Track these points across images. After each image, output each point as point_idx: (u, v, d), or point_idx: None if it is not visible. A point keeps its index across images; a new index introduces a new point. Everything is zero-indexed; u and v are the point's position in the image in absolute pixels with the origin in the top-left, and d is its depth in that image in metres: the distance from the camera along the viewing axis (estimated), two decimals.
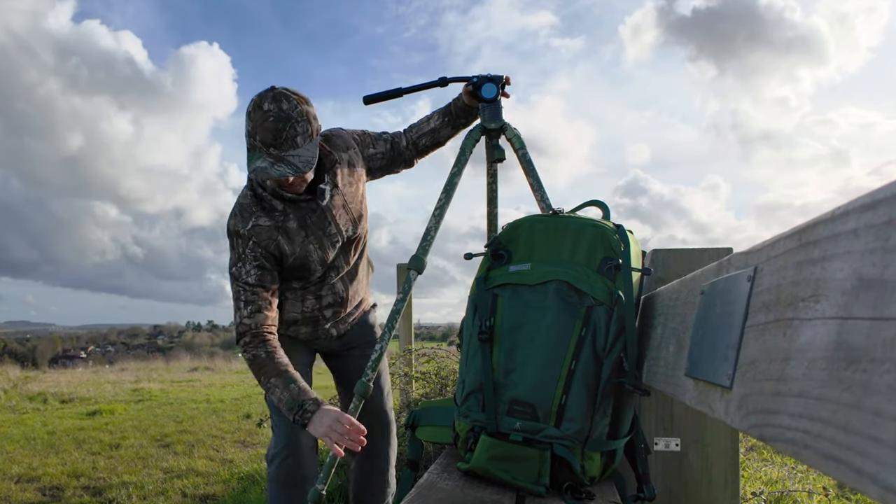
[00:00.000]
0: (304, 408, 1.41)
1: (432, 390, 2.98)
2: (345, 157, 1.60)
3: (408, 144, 1.72)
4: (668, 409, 1.34)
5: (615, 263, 1.02)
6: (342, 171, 1.59)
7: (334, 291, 1.67)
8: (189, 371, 11.85)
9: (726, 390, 0.58)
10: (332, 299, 1.67)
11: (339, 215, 1.59)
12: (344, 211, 1.60)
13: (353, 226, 1.63)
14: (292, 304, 1.65)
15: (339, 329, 1.75)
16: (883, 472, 0.32)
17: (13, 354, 38.92)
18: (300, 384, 1.44)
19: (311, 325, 1.70)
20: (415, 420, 1.26)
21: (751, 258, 0.58)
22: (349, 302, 1.72)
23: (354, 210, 1.63)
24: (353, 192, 1.62)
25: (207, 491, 3.09)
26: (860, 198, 0.37)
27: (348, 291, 1.70)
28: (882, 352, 0.33)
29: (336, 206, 1.58)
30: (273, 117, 1.36)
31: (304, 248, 1.54)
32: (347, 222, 1.61)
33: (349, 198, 1.61)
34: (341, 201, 1.59)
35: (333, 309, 1.69)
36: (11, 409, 6.25)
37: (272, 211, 1.52)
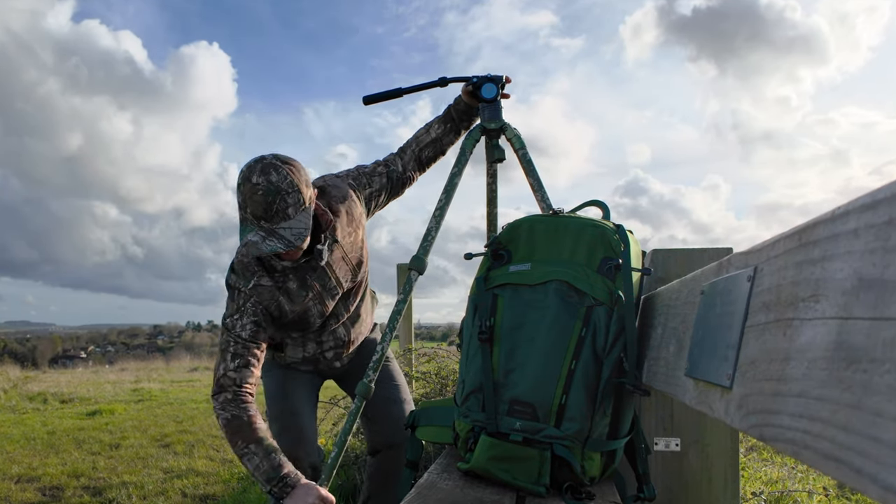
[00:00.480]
0: (286, 481, 1.36)
1: (432, 390, 2.98)
2: (342, 209, 1.56)
3: (405, 165, 1.70)
4: (668, 409, 1.34)
5: (615, 263, 1.02)
6: (341, 224, 1.56)
7: (336, 336, 1.69)
8: (189, 371, 11.85)
9: (726, 390, 0.58)
10: (334, 343, 1.70)
11: (339, 268, 1.58)
12: (343, 263, 1.59)
13: (353, 274, 1.63)
14: (293, 349, 1.68)
15: (343, 361, 1.77)
16: (883, 472, 0.32)
17: (13, 354, 38.93)
18: (281, 457, 1.39)
19: (311, 364, 1.73)
20: (414, 420, 1.26)
21: (751, 258, 0.58)
22: (352, 343, 1.73)
23: (354, 258, 1.62)
24: (353, 242, 1.60)
25: (207, 491, 3.09)
26: (860, 198, 0.37)
27: (350, 335, 1.72)
28: (882, 352, 0.33)
29: (336, 260, 1.56)
30: (262, 191, 1.32)
31: (304, 305, 1.54)
32: (347, 272, 1.61)
33: (348, 248, 1.59)
34: (341, 254, 1.57)
35: (335, 351, 1.71)
36: (11, 409, 6.25)
37: (273, 271, 1.50)
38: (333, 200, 1.56)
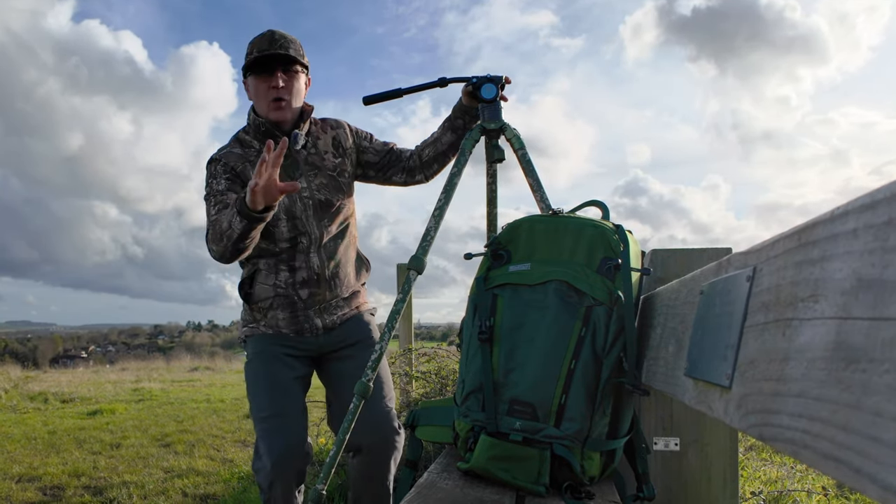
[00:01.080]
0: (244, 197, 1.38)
1: (432, 390, 2.98)
2: (330, 129, 1.71)
3: (412, 154, 1.75)
4: (668, 408, 1.34)
5: (615, 263, 1.02)
6: (325, 139, 1.69)
7: (308, 265, 1.64)
8: (189, 371, 11.86)
9: (725, 390, 0.58)
10: (307, 275, 1.63)
11: (314, 175, 1.65)
12: (319, 173, 1.66)
13: (328, 192, 1.65)
14: (266, 276, 1.63)
15: (325, 320, 1.68)
16: (882, 471, 0.32)
17: (14, 354, 38.91)
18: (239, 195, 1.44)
19: (288, 310, 1.65)
20: (414, 420, 1.25)
21: (750, 258, 0.58)
22: (328, 284, 1.66)
23: (331, 179, 1.67)
24: (335, 164, 1.69)
25: (208, 490, 3.10)
26: (859, 198, 0.37)
27: (325, 269, 1.66)
28: (881, 352, 0.33)
29: (310, 165, 1.65)
30: (270, 33, 1.58)
31: None
32: (321, 186, 1.65)
33: (329, 165, 1.68)
34: (318, 162, 1.66)
35: (310, 289, 1.65)
36: (12, 409, 6.26)
37: (247, 146, 1.64)
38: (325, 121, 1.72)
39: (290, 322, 1.67)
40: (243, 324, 1.75)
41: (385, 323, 1.56)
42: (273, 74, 1.57)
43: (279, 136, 1.58)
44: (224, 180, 1.58)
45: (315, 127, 1.70)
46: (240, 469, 3.49)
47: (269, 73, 1.57)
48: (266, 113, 1.60)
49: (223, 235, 1.47)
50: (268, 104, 1.58)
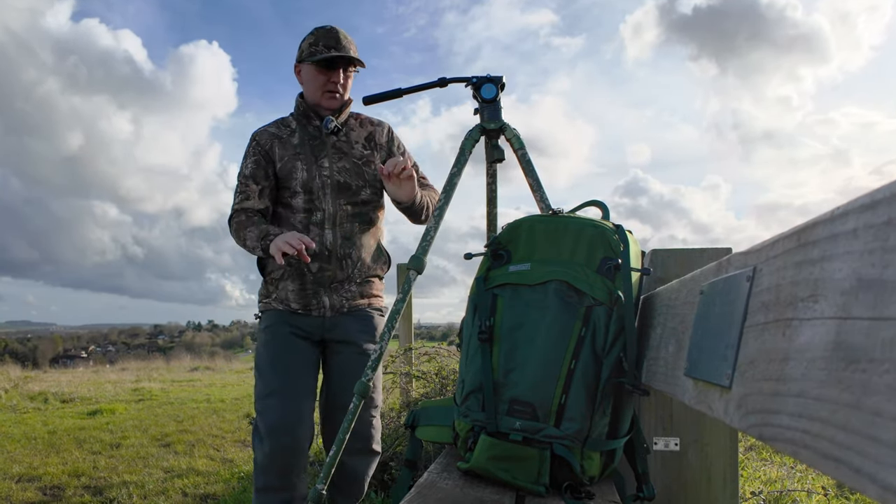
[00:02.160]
0: (269, 234, 1.62)
1: (432, 390, 2.98)
2: (368, 128, 1.84)
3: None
4: (668, 408, 1.34)
5: (615, 263, 1.02)
6: (359, 132, 1.82)
7: (322, 240, 1.72)
8: (189, 371, 11.86)
9: (725, 390, 0.58)
10: (319, 248, 1.71)
11: (338, 158, 1.77)
12: (344, 158, 1.78)
13: (348, 176, 1.76)
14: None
15: (333, 299, 1.74)
16: (882, 471, 0.32)
17: (14, 354, 38.90)
18: (271, 228, 1.66)
19: (297, 282, 1.73)
20: (414, 420, 1.25)
21: (750, 258, 0.58)
22: (339, 262, 1.73)
23: (355, 165, 1.78)
24: (363, 155, 1.80)
25: (208, 490, 3.10)
26: (859, 198, 0.37)
27: (337, 246, 1.73)
28: (881, 352, 0.33)
29: (336, 149, 1.78)
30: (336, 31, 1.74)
31: (293, 161, 1.75)
32: (342, 170, 1.77)
33: (357, 153, 1.80)
34: (345, 148, 1.79)
35: (320, 263, 1.72)
36: (12, 409, 6.26)
37: (283, 126, 1.81)
38: (368, 117, 1.86)
39: (298, 295, 1.73)
40: (259, 298, 1.84)
41: (385, 323, 1.56)
42: (336, 71, 1.74)
43: (314, 118, 1.78)
44: (251, 162, 1.76)
45: (353, 120, 1.83)
46: (240, 469, 3.49)
47: (333, 68, 1.74)
48: (319, 100, 1.76)
49: (244, 243, 1.69)
50: (323, 94, 1.75)
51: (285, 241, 1.55)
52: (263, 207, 1.76)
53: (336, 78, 1.74)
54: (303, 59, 1.76)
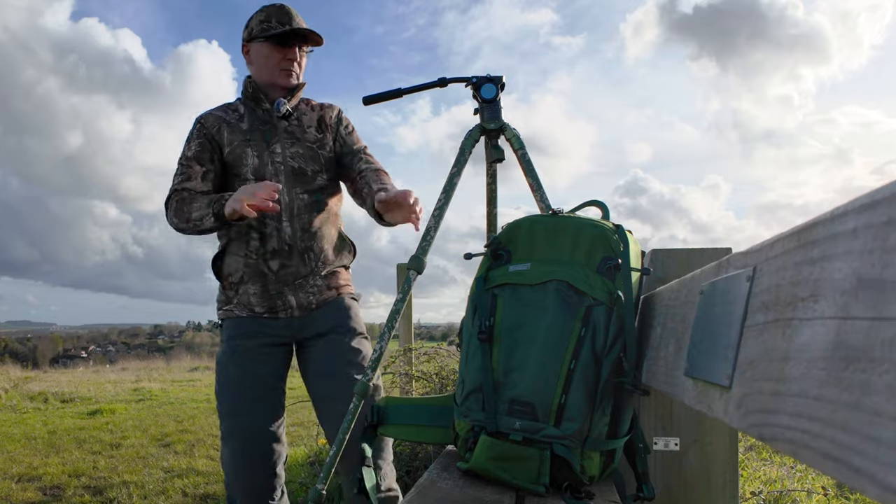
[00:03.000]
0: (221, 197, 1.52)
1: (432, 390, 2.98)
2: (318, 112, 1.74)
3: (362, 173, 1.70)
4: (668, 408, 1.34)
5: (615, 263, 1.02)
6: (311, 116, 1.73)
7: (280, 234, 1.60)
8: (189, 371, 11.86)
9: (725, 390, 0.58)
10: (278, 244, 1.59)
11: (290, 143, 1.67)
12: (297, 143, 1.68)
13: (303, 161, 1.66)
14: (237, 245, 1.61)
15: (300, 298, 1.63)
16: (882, 471, 0.32)
17: (14, 354, 38.90)
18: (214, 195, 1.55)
19: (259, 283, 1.61)
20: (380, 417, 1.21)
21: (750, 258, 0.58)
22: (300, 257, 1.62)
23: (309, 149, 1.68)
24: (317, 138, 1.71)
25: (208, 490, 3.10)
26: (859, 198, 0.37)
27: (296, 240, 1.61)
28: (881, 352, 0.33)
29: (288, 133, 1.68)
30: (287, 8, 1.65)
31: (242, 147, 1.64)
32: (296, 155, 1.66)
33: (310, 137, 1.70)
34: (297, 133, 1.69)
35: (280, 260, 1.60)
36: (12, 409, 6.26)
37: (231, 110, 1.70)
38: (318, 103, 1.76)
39: (262, 298, 1.62)
40: (218, 305, 1.70)
41: (385, 323, 1.56)
42: (291, 48, 1.65)
43: (264, 101, 1.67)
44: (196, 144, 1.65)
45: (304, 105, 1.74)
46: None
47: (288, 45, 1.65)
48: (275, 79, 1.66)
49: (190, 221, 1.56)
50: (279, 72, 1.65)
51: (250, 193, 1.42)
52: (206, 190, 1.63)
53: (292, 55, 1.65)
54: (253, 36, 1.65)
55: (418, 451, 2.62)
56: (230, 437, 1.57)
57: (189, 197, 1.58)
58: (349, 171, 1.72)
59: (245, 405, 1.57)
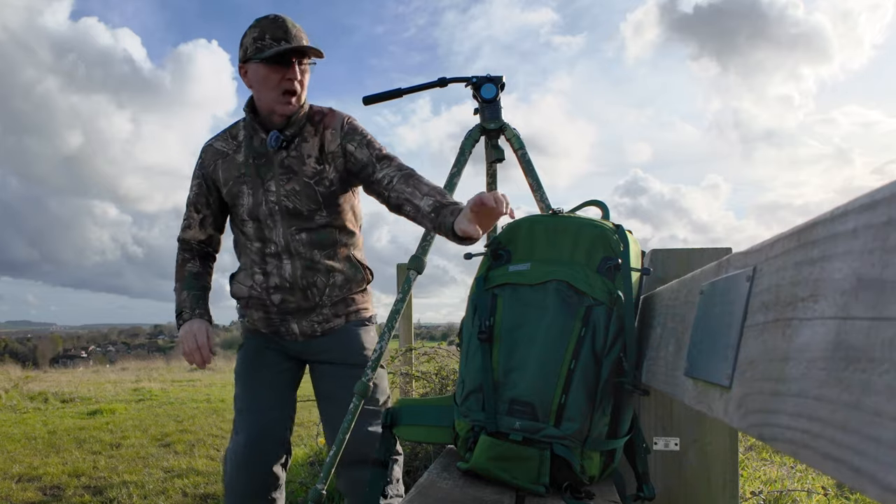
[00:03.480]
0: (182, 315, 1.57)
1: (432, 390, 2.98)
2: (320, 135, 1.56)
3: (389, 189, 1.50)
4: (668, 408, 1.34)
5: (615, 263, 1.02)
6: (312, 143, 1.55)
7: (280, 273, 1.56)
8: (189, 371, 11.86)
9: (725, 390, 0.58)
10: (279, 281, 1.56)
11: (286, 179, 1.54)
12: (293, 178, 1.54)
13: (297, 200, 1.54)
14: (244, 276, 1.62)
15: (303, 327, 1.60)
16: (882, 471, 0.32)
17: (14, 354, 38.90)
18: (191, 293, 1.59)
19: (262, 311, 1.61)
20: (393, 418, 1.21)
21: (750, 258, 0.58)
22: (302, 293, 1.56)
23: (305, 187, 1.54)
24: (315, 171, 1.54)
25: (208, 490, 3.10)
26: (859, 198, 0.37)
27: (297, 277, 1.55)
28: (881, 352, 0.33)
29: (285, 168, 1.54)
30: (282, 20, 1.51)
31: (238, 185, 1.57)
32: (291, 193, 1.54)
33: (308, 171, 1.54)
34: (295, 166, 1.54)
35: (282, 295, 1.57)
36: (12, 409, 6.26)
37: (231, 138, 1.62)
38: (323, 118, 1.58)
39: (265, 323, 1.63)
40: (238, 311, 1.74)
41: (385, 323, 1.56)
42: (290, 67, 1.49)
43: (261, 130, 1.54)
44: (195, 185, 1.63)
45: (310, 125, 1.57)
46: None
47: (286, 64, 1.49)
48: (273, 105, 1.51)
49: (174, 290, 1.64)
50: (278, 96, 1.50)
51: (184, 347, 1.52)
52: (205, 238, 1.64)
53: (292, 74, 1.49)
54: (248, 57, 1.50)
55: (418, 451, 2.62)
56: (236, 433, 1.59)
57: (180, 266, 1.65)
58: (372, 185, 1.55)
59: (253, 403, 1.60)
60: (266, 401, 1.60)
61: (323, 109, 1.61)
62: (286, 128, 1.54)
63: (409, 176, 1.49)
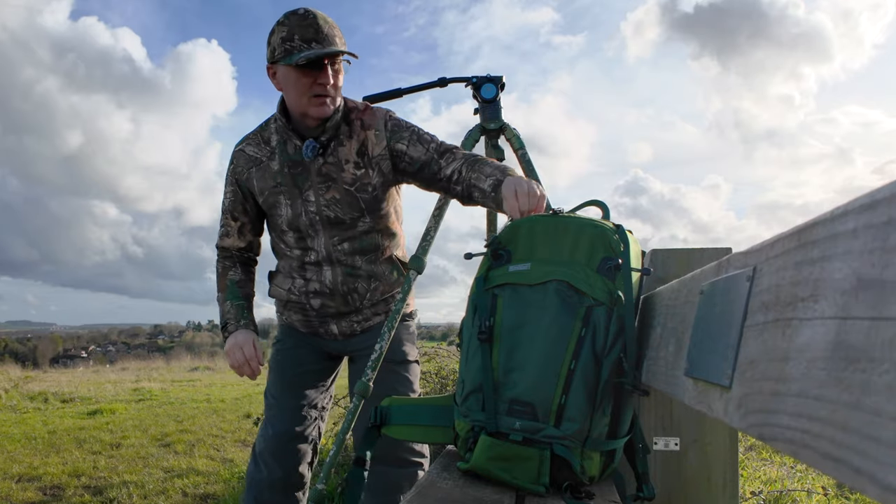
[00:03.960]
0: (227, 327, 1.54)
1: (432, 390, 2.99)
2: (360, 136, 1.48)
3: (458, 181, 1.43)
4: (668, 408, 1.34)
5: (615, 263, 1.01)
6: (350, 146, 1.47)
7: (321, 279, 1.54)
8: (189, 371, 11.86)
9: (725, 390, 0.58)
10: (319, 287, 1.54)
11: (325, 188, 1.48)
12: (333, 186, 1.47)
13: (339, 209, 1.48)
14: (282, 279, 1.61)
15: (342, 327, 1.59)
16: (882, 471, 0.32)
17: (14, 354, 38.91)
18: (235, 303, 1.56)
19: (300, 313, 1.60)
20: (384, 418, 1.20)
21: (750, 258, 0.58)
22: (343, 298, 1.55)
23: (346, 194, 1.48)
24: (355, 177, 1.48)
25: (208, 490, 3.10)
26: (859, 198, 0.37)
27: (338, 283, 1.53)
28: (881, 352, 0.33)
29: (323, 176, 1.48)
30: (312, 16, 1.38)
31: (275, 195, 1.51)
32: (332, 202, 1.48)
33: (348, 178, 1.47)
34: (333, 173, 1.47)
35: (322, 300, 1.55)
36: (12, 409, 6.26)
37: (263, 143, 1.54)
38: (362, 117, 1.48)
39: (304, 324, 1.63)
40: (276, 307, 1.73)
41: (385, 323, 1.56)
42: (322, 70, 1.39)
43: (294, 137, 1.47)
44: (230, 192, 1.57)
45: (347, 127, 1.49)
46: (240, 469, 3.49)
47: (318, 68, 1.39)
48: (305, 108, 1.42)
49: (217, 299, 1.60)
50: (309, 99, 1.41)
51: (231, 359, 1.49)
52: (244, 245, 1.61)
53: (324, 79, 1.39)
54: (276, 58, 1.40)
55: None
56: (264, 427, 1.60)
57: (221, 275, 1.61)
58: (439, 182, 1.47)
59: (284, 401, 1.60)
60: (297, 399, 1.60)
61: (357, 105, 1.53)
62: (321, 133, 1.46)
63: (474, 162, 1.42)
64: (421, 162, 1.46)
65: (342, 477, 2.66)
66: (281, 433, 1.56)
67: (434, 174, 1.46)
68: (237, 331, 1.51)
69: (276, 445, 1.56)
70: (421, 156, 1.46)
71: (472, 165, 1.41)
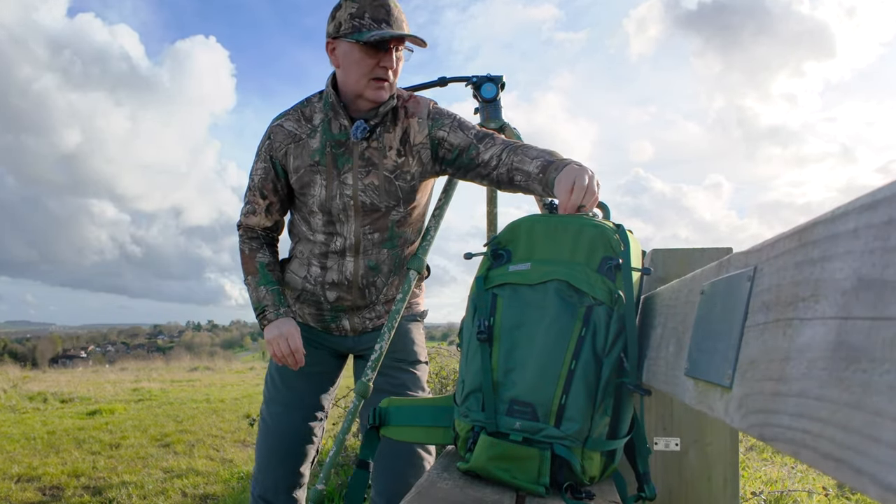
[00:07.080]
0: (265, 314, 1.48)
1: (432, 390, 2.99)
2: (403, 123, 1.47)
3: (497, 165, 1.40)
4: (668, 408, 1.34)
5: (615, 263, 1.01)
6: (395, 133, 1.46)
7: (341, 268, 1.51)
8: (189, 371, 11.86)
9: (726, 390, 0.58)
10: (337, 277, 1.51)
11: (365, 172, 1.45)
12: (373, 171, 1.45)
13: (375, 195, 1.46)
14: (298, 265, 1.57)
15: (355, 323, 1.58)
16: (882, 471, 0.32)
17: (13, 354, 38.88)
18: (270, 288, 1.50)
19: (313, 307, 1.57)
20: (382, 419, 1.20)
21: (751, 258, 0.58)
22: (360, 292, 1.53)
23: (385, 181, 1.45)
24: (396, 165, 1.46)
25: (207, 490, 3.10)
26: (860, 198, 0.37)
27: (358, 276, 1.51)
28: (882, 352, 0.33)
29: (365, 160, 1.45)
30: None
31: (310, 174, 1.46)
32: (369, 188, 1.45)
33: (389, 165, 1.45)
34: (375, 158, 1.45)
35: (338, 293, 1.53)
36: (11, 409, 6.26)
37: (305, 120, 1.48)
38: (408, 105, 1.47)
39: (315, 319, 1.60)
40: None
41: (385, 323, 1.56)
42: (387, 53, 1.37)
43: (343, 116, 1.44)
44: (261, 169, 1.50)
45: (392, 113, 1.47)
46: (239, 469, 3.49)
47: (384, 49, 1.37)
48: (363, 90, 1.39)
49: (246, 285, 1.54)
50: (369, 81, 1.38)
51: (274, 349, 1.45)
52: (270, 224, 1.57)
53: (388, 62, 1.37)
54: (340, 34, 1.37)
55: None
56: (261, 423, 1.60)
57: (249, 256, 1.54)
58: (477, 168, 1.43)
59: (287, 399, 1.59)
60: (301, 399, 1.59)
61: (402, 93, 1.51)
62: (373, 117, 1.43)
63: (516, 147, 1.39)
64: (460, 148, 1.44)
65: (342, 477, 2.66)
66: (283, 432, 1.56)
67: (472, 159, 1.43)
68: (277, 319, 1.47)
69: (278, 445, 1.56)
70: (460, 142, 1.44)
71: (515, 150, 1.38)
